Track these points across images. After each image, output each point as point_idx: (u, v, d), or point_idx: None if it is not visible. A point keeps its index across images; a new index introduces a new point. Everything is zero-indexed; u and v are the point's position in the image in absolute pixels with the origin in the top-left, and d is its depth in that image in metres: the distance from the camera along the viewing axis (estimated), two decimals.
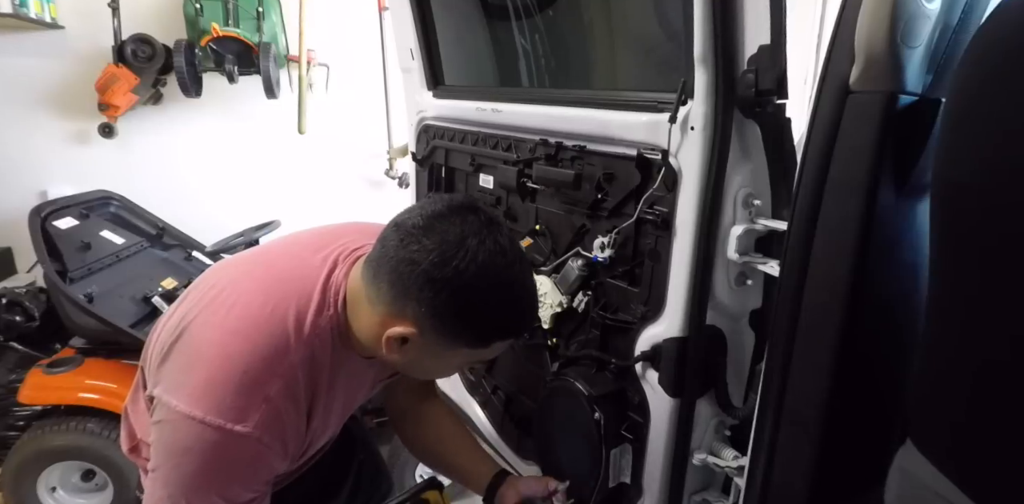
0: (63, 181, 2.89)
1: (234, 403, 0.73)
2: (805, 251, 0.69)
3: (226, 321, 0.78)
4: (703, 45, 0.79)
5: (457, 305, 0.73)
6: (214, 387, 0.74)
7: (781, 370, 0.74)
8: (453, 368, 0.89)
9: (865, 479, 0.70)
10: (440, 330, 0.75)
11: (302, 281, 0.82)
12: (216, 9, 2.68)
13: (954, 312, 0.54)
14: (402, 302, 0.74)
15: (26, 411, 2.09)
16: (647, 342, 0.96)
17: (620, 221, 0.99)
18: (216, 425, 0.72)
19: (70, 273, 1.97)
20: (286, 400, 0.77)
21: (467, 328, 0.76)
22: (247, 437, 0.73)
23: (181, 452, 0.74)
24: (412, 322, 0.75)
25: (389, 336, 0.76)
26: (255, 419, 0.74)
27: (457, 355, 0.81)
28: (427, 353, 0.79)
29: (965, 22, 0.63)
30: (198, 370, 0.76)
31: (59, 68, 2.83)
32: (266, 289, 0.81)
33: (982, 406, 0.51)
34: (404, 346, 0.77)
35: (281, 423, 0.77)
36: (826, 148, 0.66)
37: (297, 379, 0.78)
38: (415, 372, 0.90)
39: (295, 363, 0.78)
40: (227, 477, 0.76)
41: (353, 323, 0.82)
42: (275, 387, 0.76)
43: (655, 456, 0.99)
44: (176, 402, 0.74)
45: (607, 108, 1.01)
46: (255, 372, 0.75)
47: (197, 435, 0.73)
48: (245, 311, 0.79)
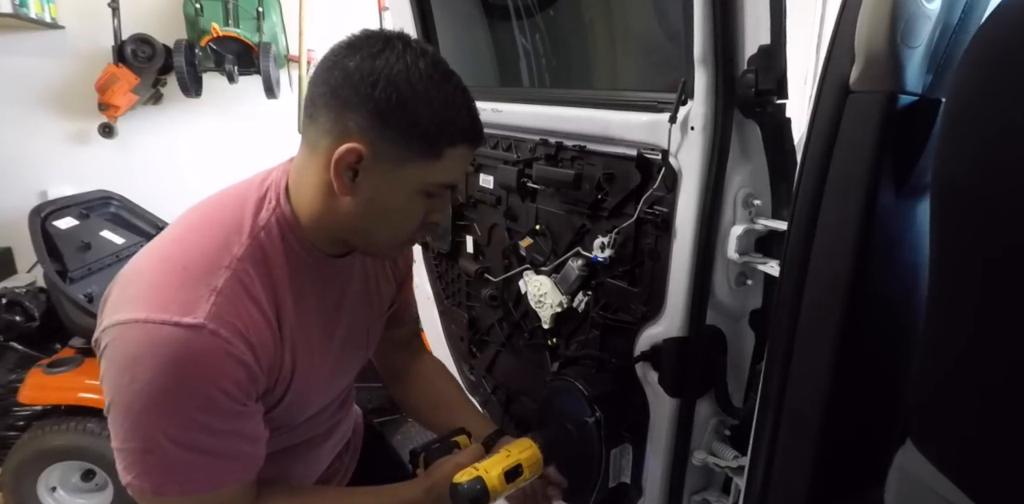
0: (63, 181, 2.89)
1: (178, 297, 0.65)
2: (805, 251, 0.69)
3: (160, 240, 0.73)
4: (703, 45, 0.79)
5: (398, 96, 0.68)
6: (154, 289, 0.66)
7: (781, 370, 0.74)
8: (413, 202, 0.75)
9: (865, 479, 0.70)
10: (386, 135, 0.69)
11: (238, 196, 0.77)
12: (216, 9, 2.69)
13: (954, 312, 0.54)
14: (342, 117, 0.69)
15: (26, 411, 2.09)
16: (647, 342, 0.96)
17: (620, 221, 0.99)
18: (161, 320, 0.64)
19: (70, 273, 1.97)
20: (239, 295, 0.69)
21: (412, 127, 0.70)
22: (199, 329, 0.64)
23: (131, 363, 0.64)
24: (356, 136, 0.69)
25: (337, 160, 0.69)
26: (204, 310, 0.65)
27: (409, 174, 0.72)
28: (381, 180, 0.72)
29: (965, 22, 0.63)
30: (135, 284, 0.68)
31: (59, 68, 2.83)
32: (200, 210, 0.77)
33: (982, 406, 0.51)
34: (357, 179, 0.71)
35: (240, 320, 0.68)
36: (826, 148, 0.66)
37: (248, 273, 0.70)
38: (375, 224, 0.76)
39: (240, 256, 0.70)
40: (192, 385, 0.65)
41: (301, 205, 0.76)
42: (222, 278, 0.68)
43: (655, 456, 0.99)
44: (115, 318, 0.66)
45: (607, 108, 1.01)
46: (197, 266, 0.68)
47: (143, 338, 0.64)
48: (178, 227, 0.74)
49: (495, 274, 1.34)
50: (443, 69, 0.73)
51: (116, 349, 0.65)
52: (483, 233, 1.38)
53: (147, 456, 0.67)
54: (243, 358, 0.68)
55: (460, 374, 1.58)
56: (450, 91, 0.72)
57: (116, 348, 0.65)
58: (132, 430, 0.66)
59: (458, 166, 0.76)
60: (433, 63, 0.71)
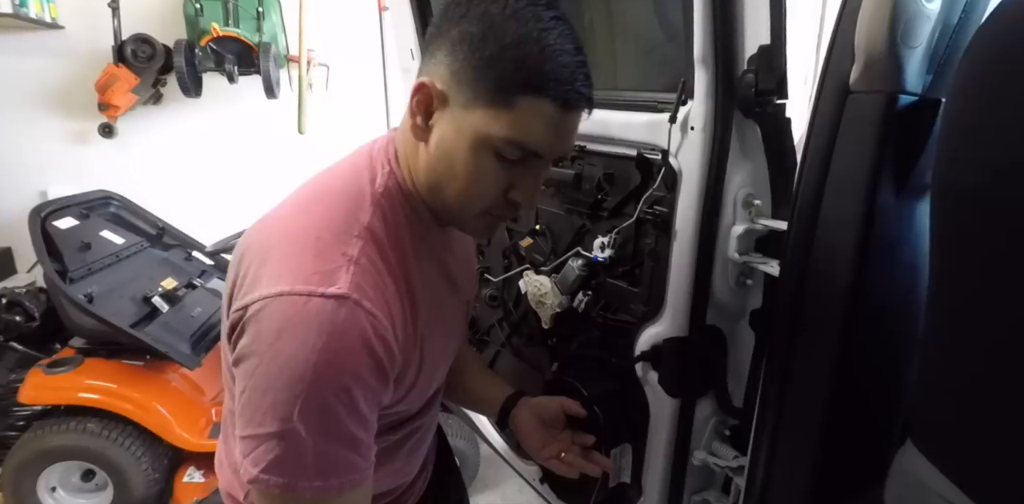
0: (63, 181, 2.89)
1: (316, 268, 0.61)
2: (805, 251, 0.69)
3: (281, 214, 0.69)
4: (703, 45, 0.79)
5: (483, 27, 0.61)
6: (289, 261, 0.62)
7: (781, 370, 0.74)
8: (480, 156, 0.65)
9: (865, 479, 0.70)
10: (457, 73, 0.62)
11: (351, 166, 0.72)
12: (216, 9, 2.69)
13: (954, 312, 0.54)
14: (430, 53, 0.65)
15: (26, 411, 2.09)
16: (647, 342, 0.96)
17: (620, 221, 0.99)
18: (306, 292, 0.59)
19: (70, 273, 1.97)
20: (373, 263, 0.65)
21: (488, 64, 0.61)
22: (344, 299, 0.59)
23: (274, 338, 0.59)
24: (436, 73, 0.64)
25: (412, 96, 0.65)
26: (346, 280, 0.61)
27: (477, 120, 0.63)
28: (450, 123, 0.65)
29: (965, 22, 0.63)
30: (270, 259, 0.63)
31: (59, 68, 2.83)
32: (316, 182, 0.72)
33: (982, 406, 0.51)
34: (430, 122, 0.66)
35: (378, 290, 0.63)
36: (826, 148, 0.66)
37: (379, 239, 0.66)
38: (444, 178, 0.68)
39: (368, 224, 0.66)
40: (338, 361, 0.59)
41: (408, 166, 0.71)
42: (356, 247, 0.64)
43: (655, 456, 0.99)
44: (254, 294, 0.61)
45: (607, 108, 1.01)
46: (329, 235, 0.64)
47: (288, 310, 0.59)
48: (297, 199, 0.70)
49: (495, 274, 1.34)
50: (555, 14, 0.63)
51: (258, 325, 0.60)
52: None
53: (280, 443, 0.59)
54: (384, 334, 0.63)
55: None
56: (551, 35, 0.61)
57: (258, 324, 0.60)
58: (268, 411, 0.59)
59: (536, 124, 0.63)
60: (546, 4, 0.63)
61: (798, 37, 2.20)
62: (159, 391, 2.03)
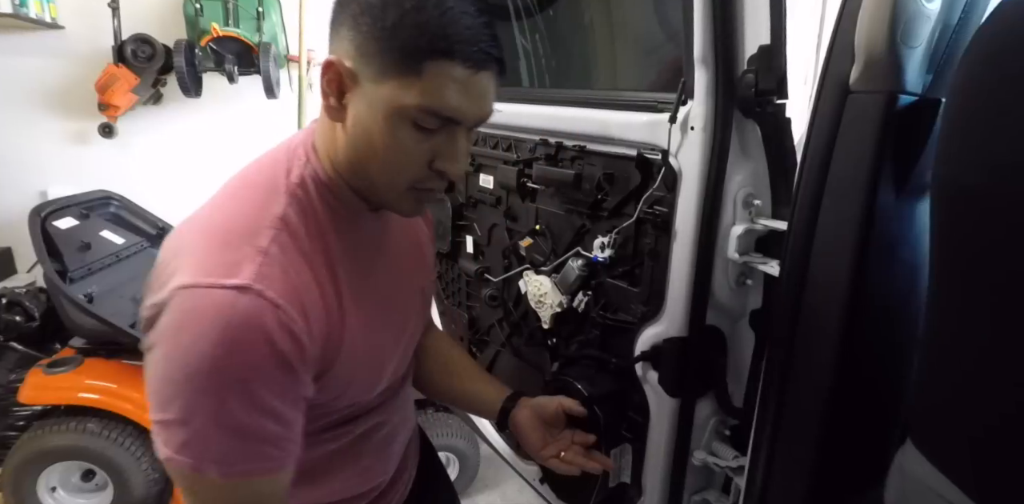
0: (63, 181, 2.89)
1: (221, 260, 0.60)
2: (805, 251, 0.69)
3: (200, 212, 0.68)
4: (703, 45, 0.79)
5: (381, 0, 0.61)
6: (197, 255, 0.61)
7: (781, 370, 0.74)
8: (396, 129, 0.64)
9: (865, 479, 0.70)
10: (361, 44, 0.62)
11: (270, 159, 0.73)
12: (216, 9, 2.69)
13: (954, 312, 0.54)
14: (335, 32, 0.64)
15: (26, 411, 2.09)
16: (647, 342, 0.96)
17: (620, 221, 0.99)
18: (206, 284, 0.58)
19: (70, 273, 1.97)
20: (286, 252, 0.63)
21: (389, 33, 0.60)
22: (244, 290, 0.58)
23: (175, 331, 0.58)
24: (341, 49, 0.63)
25: (321, 76, 0.64)
26: (250, 270, 0.59)
27: (388, 92, 0.62)
28: (362, 99, 0.64)
29: (965, 22, 0.63)
30: (179, 257, 0.63)
31: (59, 68, 2.83)
32: (235, 178, 0.73)
33: (982, 406, 0.51)
34: (343, 101, 0.65)
35: (289, 279, 0.62)
36: (826, 148, 0.66)
37: (294, 230, 0.65)
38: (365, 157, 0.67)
39: (281, 214, 0.65)
40: (238, 353, 0.58)
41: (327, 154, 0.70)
42: (266, 237, 0.63)
43: (655, 456, 0.99)
44: (161, 293, 0.60)
45: (607, 108, 1.01)
46: (239, 227, 0.63)
47: (187, 303, 0.58)
48: (216, 197, 0.70)
49: (495, 274, 1.34)
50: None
51: (162, 319, 0.60)
52: (483, 233, 1.38)
53: (185, 428, 0.59)
54: (290, 325, 0.61)
55: None
56: (456, 3, 0.61)
57: (161, 319, 0.60)
58: (171, 400, 0.59)
59: (449, 89, 0.62)
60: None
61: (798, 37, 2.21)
62: None
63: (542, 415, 0.94)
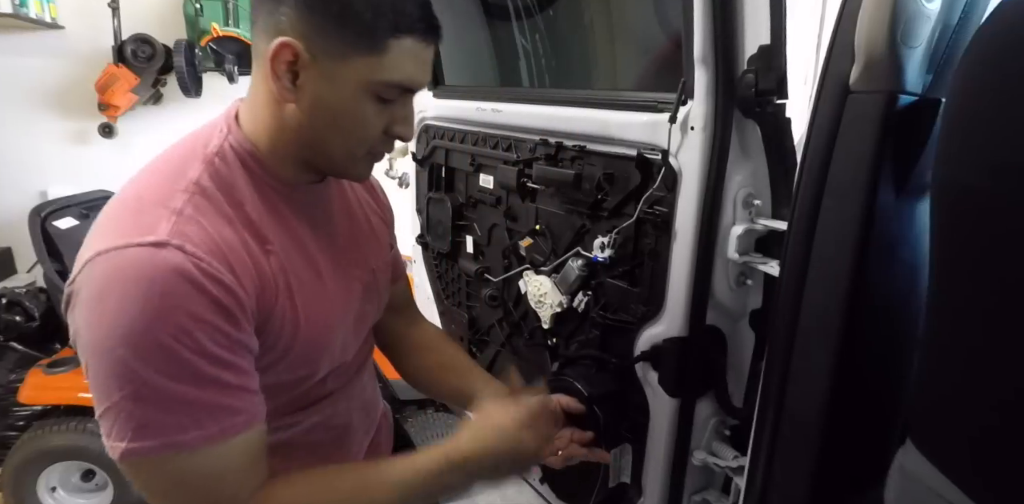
0: (63, 181, 2.89)
1: (136, 222, 0.59)
2: (805, 251, 0.69)
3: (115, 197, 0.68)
4: (703, 45, 0.79)
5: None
6: (109, 224, 0.61)
7: (781, 370, 0.74)
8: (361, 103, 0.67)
9: (865, 479, 0.70)
10: (318, 25, 0.62)
11: (190, 136, 0.73)
12: (216, 9, 2.69)
13: (954, 312, 0.54)
14: (275, 12, 0.63)
15: (26, 411, 2.09)
16: (647, 342, 0.96)
17: (620, 221, 0.99)
18: (121, 245, 0.57)
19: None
20: (204, 213, 0.63)
21: (345, 14, 0.63)
22: (162, 245, 0.57)
23: (97, 299, 0.57)
24: (290, 31, 0.63)
25: (272, 60, 0.63)
26: (166, 228, 0.59)
27: (353, 71, 0.65)
28: (321, 78, 0.65)
29: (965, 22, 0.63)
30: (91, 234, 0.63)
31: (59, 68, 2.83)
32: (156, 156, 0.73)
33: (982, 406, 0.51)
34: (298, 82, 0.65)
35: (207, 236, 0.61)
36: (826, 148, 0.66)
37: (210, 193, 0.65)
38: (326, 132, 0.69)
39: (196, 179, 0.65)
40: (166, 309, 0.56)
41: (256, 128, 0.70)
42: (181, 200, 0.62)
43: (655, 456, 0.99)
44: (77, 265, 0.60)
45: (607, 108, 1.01)
46: (151, 194, 0.63)
47: (105, 268, 0.57)
48: (130, 180, 0.70)
49: (495, 274, 1.34)
50: None
51: (81, 293, 0.58)
52: (483, 233, 1.38)
53: (139, 405, 0.57)
54: (218, 276, 0.59)
55: None
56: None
57: (81, 292, 0.58)
58: (115, 374, 0.56)
59: (408, 62, 0.66)
60: None
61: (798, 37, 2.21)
62: None
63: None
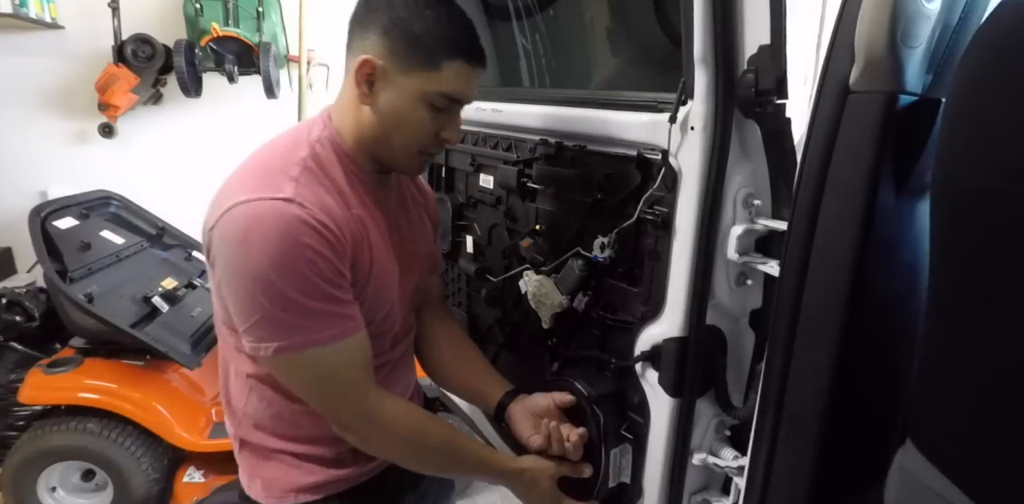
0: (63, 181, 2.89)
1: (267, 183, 0.80)
2: (805, 251, 0.69)
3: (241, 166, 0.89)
4: (703, 45, 0.79)
5: (400, 13, 0.83)
6: (246, 181, 0.82)
7: (781, 370, 0.74)
8: (420, 110, 0.88)
9: (865, 479, 0.70)
10: (394, 49, 0.84)
11: (292, 130, 0.93)
12: (216, 9, 2.69)
13: (954, 312, 0.54)
14: (361, 36, 0.86)
15: (26, 411, 2.10)
16: (647, 342, 0.96)
17: (620, 221, 0.99)
18: (258, 197, 0.77)
19: (70, 273, 1.97)
20: (312, 183, 0.83)
21: (414, 40, 0.84)
22: (290, 201, 0.78)
23: (243, 235, 0.77)
24: (371, 51, 0.84)
25: (355, 71, 0.84)
26: (290, 189, 0.79)
27: (414, 83, 0.86)
28: (392, 88, 0.86)
29: (965, 22, 0.63)
30: (227, 189, 0.83)
31: (59, 68, 2.83)
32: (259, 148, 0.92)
33: (982, 406, 0.51)
34: (373, 90, 0.86)
35: (319, 199, 0.81)
36: (826, 148, 0.66)
37: (314, 170, 0.85)
38: (391, 130, 0.89)
39: (304, 157, 0.85)
40: (298, 244, 0.77)
41: (344, 125, 0.90)
42: (296, 170, 0.83)
43: (655, 456, 0.99)
44: (217, 212, 0.79)
45: (607, 108, 1.01)
46: (273, 165, 0.84)
47: (247, 213, 0.77)
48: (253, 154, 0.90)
49: (495, 274, 1.34)
50: None
51: (226, 232, 0.78)
52: (483, 233, 1.38)
53: (280, 314, 0.78)
54: (328, 224, 0.80)
55: None
56: (446, 11, 0.86)
57: (226, 232, 0.78)
58: (259, 293, 0.77)
59: (457, 80, 0.87)
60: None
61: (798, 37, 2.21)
62: (159, 391, 2.03)
63: (534, 409, 1.04)
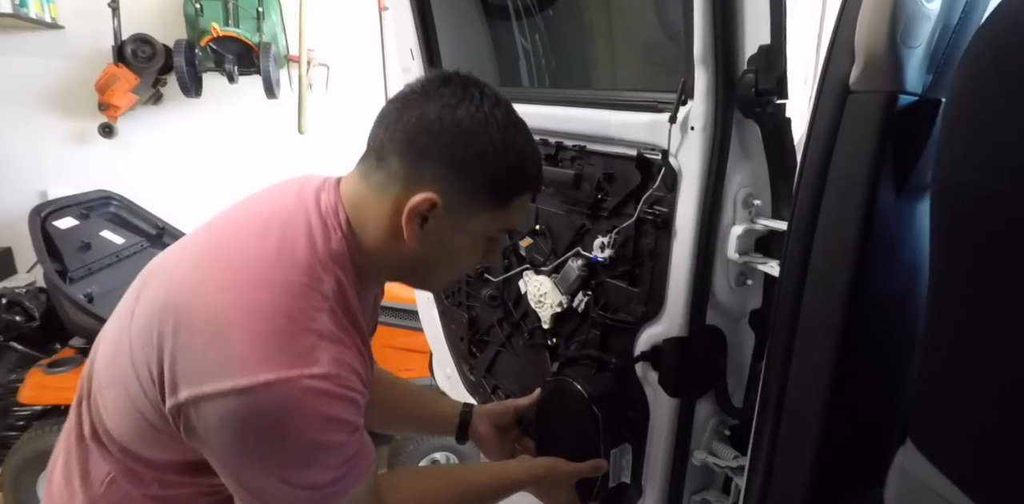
0: (63, 181, 2.89)
1: (296, 349, 0.64)
2: (805, 251, 0.69)
3: (228, 276, 0.67)
4: (703, 45, 0.79)
5: (477, 147, 0.70)
6: (265, 343, 0.63)
7: (781, 370, 0.74)
8: (477, 246, 0.79)
9: (865, 479, 0.70)
10: (461, 187, 0.71)
11: (291, 217, 0.73)
12: (216, 9, 2.69)
13: (954, 312, 0.54)
14: (418, 165, 0.71)
15: (26, 411, 2.10)
16: (647, 342, 0.96)
17: (620, 221, 0.99)
18: (294, 376, 0.62)
19: (70, 273, 1.97)
20: (338, 331, 0.70)
21: (488, 180, 0.72)
22: (326, 378, 0.65)
23: (278, 424, 0.63)
24: (431, 185, 0.71)
25: (411, 209, 0.70)
26: (325, 357, 0.65)
27: (478, 222, 0.76)
28: (451, 227, 0.74)
29: (965, 22, 0.63)
30: (233, 339, 0.63)
31: (59, 68, 2.83)
32: (255, 231, 0.71)
33: (982, 406, 0.51)
34: (426, 226, 0.73)
35: (346, 358, 0.69)
36: (826, 148, 0.66)
37: (334, 308, 0.70)
38: (439, 266, 0.80)
39: (328, 294, 0.70)
40: (337, 424, 0.67)
41: (364, 241, 0.76)
42: (323, 322, 0.68)
43: (655, 456, 0.99)
44: (229, 383, 0.62)
45: (607, 108, 1.01)
46: (298, 312, 0.66)
47: (281, 400, 0.62)
48: (246, 258, 0.69)
49: (495, 274, 1.34)
50: (515, 118, 0.75)
51: (251, 417, 0.63)
52: None
53: (320, 493, 0.69)
54: (358, 389, 0.70)
55: (460, 374, 1.58)
56: (524, 142, 0.75)
57: (251, 416, 0.63)
58: (301, 486, 0.67)
59: (521, 212, 0.79)
60: (507, 113, 0.74)
61: (798, 37, 2.20)
62: None
63: (498, 422, 1.06)
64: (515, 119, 0.75)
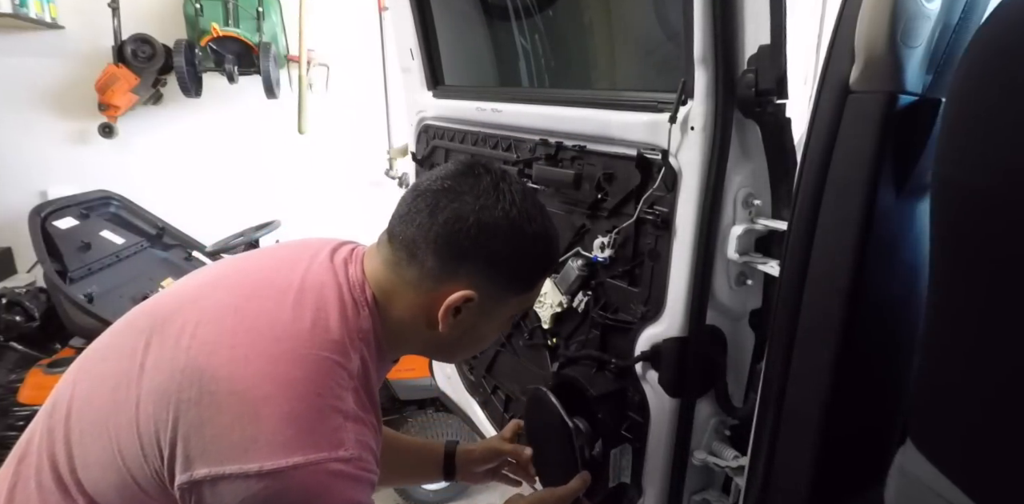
0: (63, 181, 2.89)
1: (324, 431, 0.65)
2: (805, 251, 0.69)
3: (262, 347, 0.66)
4: (703, 45, 0.79)
5: (511, 247, 0.73)
6: (295, 422, 0.63)
7: (781, 370, 0.74)
8: (500, 327, 0.84)
9: (865, 479, 0.70)
10: (496, 280, 0.75)
11: (324, 288, 0.73)
12: (216, 9, 2.69)
13: (954, 312, 0.54)
14: (455, 265, 0.72)
15: (26, 411, 2.09)
16: (647, 342, 0.96)
17: (620, 221, 0.99)
18: (322, 460, 0.62)
19: (70, 273, 1.97)
20: (359, 410, 0.70)
21: (521, 271, 0.77)
22: (350, 461, 0.65)
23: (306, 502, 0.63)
24: (466, 280, 0.73)
25: (449, 306, 0.73)
26: (349, 439, 0.66)
27: (508, 307, 0.80)
28: (482, 315, 0.78)
29: (965, 22, 0.63)
30: (263, 416, 0.62)
31: (59, 68, 2.83)
32: (290, 301, 0.71)
33: (982, 406, 0.51)
34: (458, 316, 0.75)
35: (365, 435, 0.70)
36: (826, 148, 0.66)
37: (357, 386, 0.71)
38: (465, 346, 0.85)
39: (354, 372, 0.70)
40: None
41: (389, 321, 0.77)
42: (348, 402, 0.68)
43: (655, 456, 0.99)
44: (256, 465, 0.60)
45: (607, 108, 1.01)
46: (327, 390, 0.66)
47: (308, 484, 0.62)
48: (281, 330, 0.68)
49: None
50: (539, 204, 0.78)
51: (274, 500, 0.62)
52: None
53: None
54: (374, 478, 0.70)
55: (460, 374, 1.58)
56: (549, 228, 0.78)
57: (274, 499, 0.62)
58: None
59: (539, 290, 0.84)
60: (533, 202, 0.76)
61: (798, 37, 2.20)
62: None
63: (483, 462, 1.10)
64: (539, 205, 0.78)
